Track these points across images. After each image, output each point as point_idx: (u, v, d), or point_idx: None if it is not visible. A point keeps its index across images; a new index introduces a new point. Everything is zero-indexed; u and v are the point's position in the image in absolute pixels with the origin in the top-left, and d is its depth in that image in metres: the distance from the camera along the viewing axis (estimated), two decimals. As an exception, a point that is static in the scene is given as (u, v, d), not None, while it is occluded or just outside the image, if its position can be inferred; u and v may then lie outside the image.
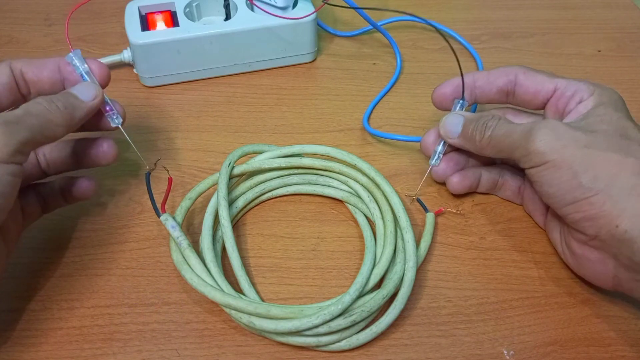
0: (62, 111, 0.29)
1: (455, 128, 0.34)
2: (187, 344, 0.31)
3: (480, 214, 0.37)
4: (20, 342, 0.30)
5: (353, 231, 0.36)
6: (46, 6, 0.54)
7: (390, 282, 0.31)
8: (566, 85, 0.33)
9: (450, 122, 0.35)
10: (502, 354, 0.31)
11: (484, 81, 0.35)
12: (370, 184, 0.36)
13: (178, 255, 0.32)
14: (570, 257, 0.32)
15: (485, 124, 0.33)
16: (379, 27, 0.48)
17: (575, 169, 0.29)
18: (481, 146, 0.33)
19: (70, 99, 0.30)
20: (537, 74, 0.34)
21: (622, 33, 0.53)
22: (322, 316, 0.29)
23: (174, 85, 0.46)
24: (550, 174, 0.29)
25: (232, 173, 0.36)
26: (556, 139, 0.29)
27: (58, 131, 0.29)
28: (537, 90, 0.34)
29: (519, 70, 0.34)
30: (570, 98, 0.32)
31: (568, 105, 0.32)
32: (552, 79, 0.33)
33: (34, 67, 0.31)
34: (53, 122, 0.29)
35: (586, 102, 0.32)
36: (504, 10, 0.56)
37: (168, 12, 0.46)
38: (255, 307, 0.29)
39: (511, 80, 0.35)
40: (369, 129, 0.42)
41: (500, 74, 0.35)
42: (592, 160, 0.28)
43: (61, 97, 0.30)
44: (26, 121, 0.27)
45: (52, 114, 0.29)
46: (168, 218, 0.33)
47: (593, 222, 0.28)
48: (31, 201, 0.33)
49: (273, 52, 0.47)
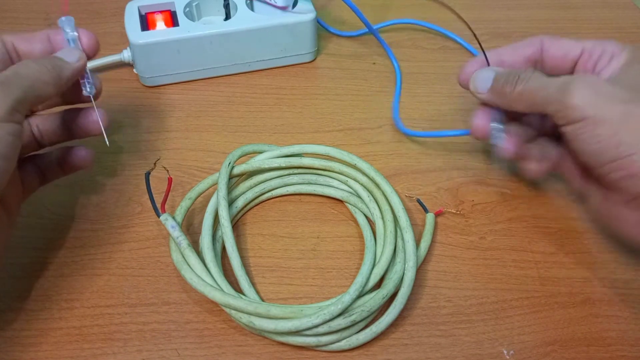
0: (50, 70, 0.30)
1: (485, 83, 0.34)
2: (187, 344, 0.31)
3: (480, 214, 0.37)
4: (20, 342, 0.30)
5: (353, 231, 0.36)
6: (46, 6, 0.54)
7: (390, 282, 0.31)
8: (593, 45, 0.32)
9: (482, 76, 0.34)
10: (502, 353, 0.31)
11: (510, 54, 0.35)
12: (370, 183, 0.36)
13: (178, 255, 0.32)
14: (608, 220, 0.31)
15: (518, 76, 0.32)
16: (375, 32, 0.48)
17: (616, 126, 0.27)
18: (512, 99, 0.32)
19: (57, 61, 0.31)
20: (563, 39, 0.34)
21: (622, 33, 0.53)
22: (322, 316, 0.29)
23: (173, 85, 0.46)
24: (589, 131, 0.28)
25: (232, 173, 0.36)
26: (595, 94, 0.28)
27: (48, 89, 0.29)
28: (565, 53, 0.33)
29: (544, 38, 0.34)
30: (600, 57, 0.32)
31: (598, 65, 0.32)
32: (578, 42, 0.33)
33: (25, 39, 0.32)
34: (42, 81, 0.29)
35: (618, 58, 0.31)
36: (504, 10, 0.56)
37: (168, 12, 0.46)
38: (255, 307, 0.29)
39: (537, 49, 0.34)
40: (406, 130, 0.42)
41: (526, 44, 0.35)
42: (633, 117, 0.27)
43: (48, 59, 0.31)
44: (17, 81, 0.28)
45: (40, 73, 0.29)
46: (168, 218, 0.33)
47: (635, 181, 0.27)
48: (30, 172, 0.33)
49: (273, 52, 0.47)
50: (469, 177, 0.40)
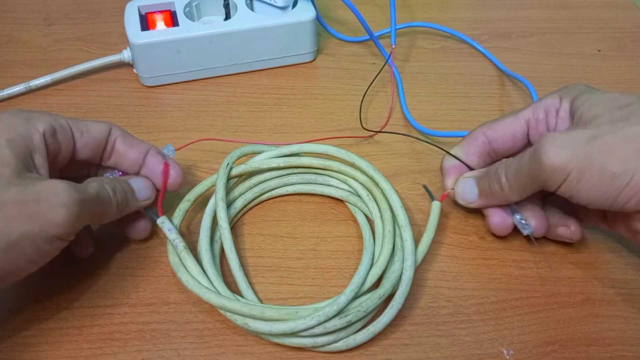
0: (119, 205, 0.30)
1: (471, 192, 0.34)
2: (187, 344, 0.31)
3: (481, 214, 0.37)
4: (20, 342, 0.30)
5: (353, 230, 0.36)
6: (45, 6, 0.54)
7: (387, 282, 0.31)
8: (533, 111, 0.33)
9: (464, 187, 0.34)
10: (502, 353, 0.31)
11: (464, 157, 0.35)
12: (369, 182, 0.36)
13: (175, 257, 0.32)
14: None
15: (496, 172, 0.32)
16: (375, 38, 0.48)
17: (600, 164, 0.27)
18: (507, 194, 0.32)
19: (129, 195, 0.31)
20: (501, 120, 0.34)
21: (622, 33, 0.53)
22: (317, 317, 0.29)
23: (173, 85, 0.46)
24: (580, 182, 0.28)
25: (231, 174, 0.36)
26: (562, 148, 0.28)
27: (107, 221, 0.30)
28: (512, 134, 0.34)
29: (482, 129, 0.34)
30: (546, 117, 0.32)
31: (549, 125, 0.32)
32: (517, 116, 0.33)
33: (128, 142, 0.32)
34: (109, 214, 0.30)
35: (563, 107, 0.31)
36: (504, 9, 0.56)
37: (168, 12, 0.46)
38: (249, 309, 0.29)
39: (483, 141, 0.34)
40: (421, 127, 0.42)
41: (471, 142, 0.35)
42: (609, 147, 0.27)
43: (123, 191, 0.31)
44: (95, 206, 0.28)
45: (111, 206, 0.30)
46: (165, 221, 0.33)
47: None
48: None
49: (273, 52, 0.47)
50: (469, 177, 0.40)
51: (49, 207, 0.26)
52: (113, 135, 0.32)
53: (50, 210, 0.26)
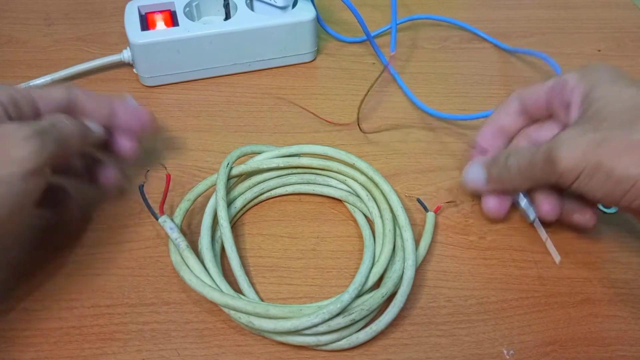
0: (79, 131, 0.30)
1: (479, 177, 0.34)
2: (187, 344, 0.31)
3: (480, 214, 0.37)
4: (20, 342, 0.30)
5: (352, 230, 0.36)
6: (45, 6, 0.54)
7: (389, 281, 0.31)
8: (554, 83, 0.33)
9: (472, 172, 0.35)
10: (502, 353, 0.31)
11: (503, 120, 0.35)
12: (369, 182, 0.36)
13: (177, 256, 0.32)
14: None
15: (507, 162, 0.33)
16: (373, 40, 0.48)
17: (607, 166, 0.28)
18: (518, 183, 0.33)
19: (85, 126, 0.32)
20: (532, 85, 0.35)
21: (622, 33, 0.53)
22: (321, 315, 0.29)
23: (173, 85, 0.46)
24: (589, 182, 0.29)
25: (231, 173, 0.36)
26: (575, 149, 0.29)
27: (73, 150, 0.30)
28: (536, 99, 0.34)
29: (517, 93, 0.35)
30: (561, 93, 0.33)
31: (563, 100, 0.33)
32: (543, 84, 0.34)
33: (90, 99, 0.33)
34: (72, 140, 0.30)
35: (577, 90, 0.32)
36: (504, 9, 0.56)
37: (168, 12, 0.46)
38: (254, 307, 0.29)
39: (519, 103, 0.35)
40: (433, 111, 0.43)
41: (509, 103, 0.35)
42: (617, 150, 0.28)
43: (79, 121, 0.31)
44: (54, 133, 0.28)
45: (72, 132, 0.30)
46: (166, 220, 0.33)
47: None
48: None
49: (273, 52, 0.47)
50: (469, 177, 0.40)
51: (11, 146, 0.26)
52: (73, 95, 0.32)
53: (14, 148, 0.26)
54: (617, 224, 0.37)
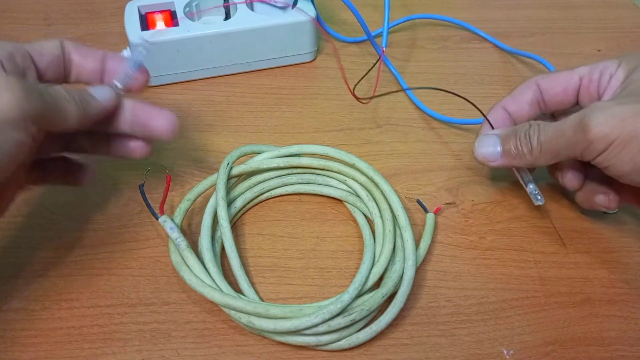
0: (77, 103, 0.29)
1: (493, 149, 0.33)
2: (187, 344, 0.31)
3: (480, 214, 0.37)
4: (20, 342, 0.30)
5: (352, 230, 0.36)
6: (45, 6, 0.54)
7: (389, 281, 0.31)
8: (589, 70, 0.33)
9: (486, 144, 0.33)
10: (502, 353, 0.31)
11: (512, 104, 0.35)
12: (369, 183, 0.36)
13: (177, 256, 0.32)
14: None
15: (528, 134, 0.32)
16: (373, 39, 0.48)
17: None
18: (534, 158, 0.32)
19: (86, 96, 0.30)
20: (556, 73, 0.34)
21: (622, 33, 0.53)
22: (321, 315, 0.29)
23: (173, 85, 0.46)
24: (619, 152, 0.28)
25: (231, 173, 0.36)
26: (612, 117, 0.28)
27: (69, 121, 0.29)
28: (564, 87, 0.33)
29: (537, 78, 0.34)
30: (600, 79, 0.32)
31: (600, 87, 0.32)
32: (572, 71, 0.33)
33: (81, 53, 0.32)
34: (66, 110, 0.29)
35: (617, 75, 0.31)
36: (504, 9, 0.56)
37: (168, 12, 0.46)
38: (254, 307, 0.29)
39: (536, 90, 0.34)
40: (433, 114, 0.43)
41: (523, 90, 0.35)
42: None
43: (77, 91, 0.30)
44: (44, 95, 0.27)
45: (67, 102, 0.29)
46: (167, 220, 0.33)
47: None
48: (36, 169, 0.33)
49: (273, 52, 0.47)
50: (469, 177, 0.40)
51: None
52: (66, 48, 0.32)
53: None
54: (617, 224, 0.37)
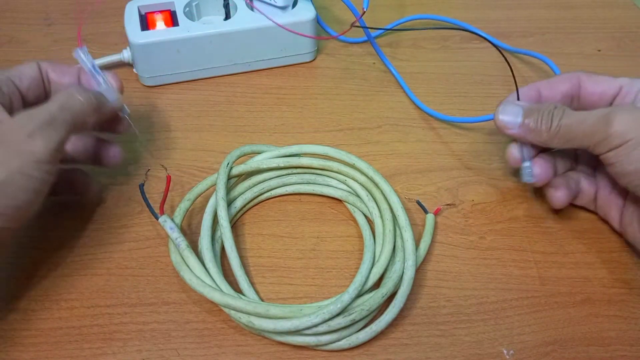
0: (95, 103, 0.31)
1: (514, 118, 0.34)
2: (187, 344, 0.31)
3: (480, 214, 0.37)
4: (20, 342, 0.30)
5: (352, 230, 0.36)
6: (45, 6, 0.54)
7: (389, 281, 0.31)
8: (630, 82, 0.34)
9: (509, 111, 0.34)
10: (502, 353, 0.31)
11: (547, 88, 0.36)
12: (369, 183, 0.36)
13: (177, 256, 0.32)
14: None
15: (552, 113, 0.33)
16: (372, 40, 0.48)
17: None
18: (549, 136, 0.33)
19: (100, 96, 0.32)
20: (601, 75, 0.35)
21: (622, 32, 0.53)
22: (322, 315, 0.29)
23: (173, 85, 0.46)
24: (630, 152, 0.30)
25: (231, 173, 0.36)
26: (635, 119, 0.30)
27: (88, 122, 0.31)
28: (604, 90, 0.34)
29: (581, 75, 0.35)
30: (637, 94, 0.33)
31: (636, 99, 0.33)
32: (615, 79, 0.34)
33: (58, 70, 0.34)
34: (86, 113, 0.30)
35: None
36: (504, 9, 0.56)
37: (168, 12, 0.46)
38: (254, 307, 0.29)
39: (575, 84, 0.35)
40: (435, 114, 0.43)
41: (563, 80, 0.35)
42: None
43: (93, 92, 0.32)
44: (61, 118, 0.29)
45: (86, 105, 0.30)
46: (167, 220, 0.33)
47: None
48: None
49: (273, 52, 0.47)
50: (469, 177, 0.40)
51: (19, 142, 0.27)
52: (43, 69, 0.33)
53: (22, 144, 0.27)
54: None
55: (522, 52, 0.50)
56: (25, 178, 0.27)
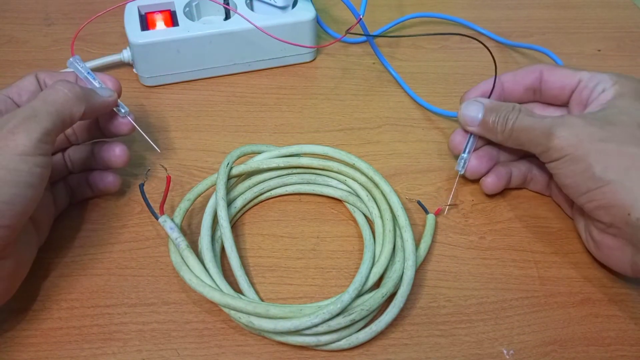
0: (80, 94, 0.31)
1: (475, 115, 0.35)
2: (187, 344, 0.31)
3: (480, 214, 0.37)
4: (20, 342, 0.30)
5: (352, 230, 0.36)
6: (45, 6, 0.54)
7: (389, 281, 0.31)
8: (589, 77, 0.34)
9: (471, 109, 0.35)
10: (502, 353, 0.31)
11: (511, 82, 0.37)
12: (369, 183, 0.36)
13: (177, 256, 0.32)
14: (592, 245, 0.33)
15: (507, 117, 0.34)
16: (372, 40, 0.48)
17: (589, 162, 0.30)
18: (503, 138, 0.34)
19: (89, 90, 0.32)
20: (561, 69, 0.35)
21: (622, 32, 0.53)
22: (321, 315, 0.29)
23: (173, 85, 0.46)
24: (567, 167, 0.31)
25: (231, 173, 0.36)
26: (574, 135, 0.31)
27: (75, 112, 0.30)
28: (563, 84, 0.35)
29: (543, 67, 0.36)
30: (593, 89, 0.33)
31: (591, 96, 0.33)
32: (575, 72, 0.35)
33: (55, 78, 0.34)
34: (70, 103, 0.30)
35: (607, 92, 0.33)
36: (504, 9, 0.56)
37: (167, 12, 0.46)
38: (254, 307, 0.29)
39: (537, 77, 0.36)
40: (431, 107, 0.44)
41: (526, 73, 0.36)
42: (606, 153, 0.30)
43: (80, 85, 0.32)
44: (44, 110, 0.29)
45: (69, 94, 0.30)
46: (166, 220, 0.33)
47: (607, 211, 0.30)
48: (60, 192, 0.35)
49: (273, 52, 0.47)
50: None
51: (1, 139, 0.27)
52: (41, 79, 0.33)
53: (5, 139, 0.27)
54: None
55: (525, 46, 0.50)
56: (12, 172, 0.27)
